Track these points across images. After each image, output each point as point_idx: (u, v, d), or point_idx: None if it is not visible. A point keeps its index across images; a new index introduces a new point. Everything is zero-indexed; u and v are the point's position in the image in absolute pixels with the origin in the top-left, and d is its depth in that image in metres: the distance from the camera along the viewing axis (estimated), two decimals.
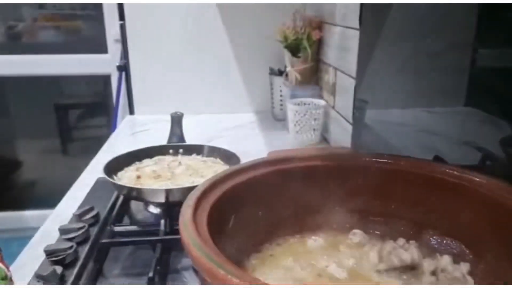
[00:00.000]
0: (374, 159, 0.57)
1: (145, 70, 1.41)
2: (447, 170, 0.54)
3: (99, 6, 2.10)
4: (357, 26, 0.95)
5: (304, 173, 0.56)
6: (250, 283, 0.32)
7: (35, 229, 0.81)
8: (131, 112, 1.46)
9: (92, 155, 1.13)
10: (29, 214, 2.34)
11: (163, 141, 1.01)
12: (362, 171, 0.56)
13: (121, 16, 1.39)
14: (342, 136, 1.06)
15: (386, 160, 0.57)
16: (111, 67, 2.07)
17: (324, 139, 1.18)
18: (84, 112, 2.62)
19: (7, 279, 0.47)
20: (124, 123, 1.43)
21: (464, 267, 0.48)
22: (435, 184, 0.53)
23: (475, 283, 0.45)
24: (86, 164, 1.07)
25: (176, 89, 1.43)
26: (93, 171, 1.01)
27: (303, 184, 0.55)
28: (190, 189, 0.71)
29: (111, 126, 2.05)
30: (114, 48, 2.10)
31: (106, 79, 2.18)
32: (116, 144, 1.23)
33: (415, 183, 0.55)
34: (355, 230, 0.55)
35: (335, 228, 0.56)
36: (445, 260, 0.49)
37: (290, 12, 1.24)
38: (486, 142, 0.84)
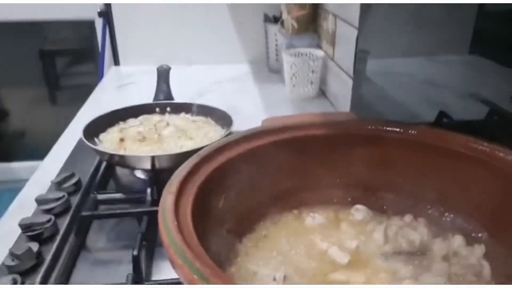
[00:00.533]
0: (380, 127, 0.51)
1: (129, 17, 1.31)
2: (460, 141, 0.48)
3: None
4: None
5: (302, 143, 0.50)
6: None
7: (25, 181, 0.76)
8: (116, 62, 1.37)
9: (81, 104, 1.08)
10: (18, 166, 2.30)
11: (149, 94, 0.93)
12: (366, 140, 0.50)
13: None
14: (341, 90, 0.99)
15: (394, 129, 0.51)
16: (95, 13, 1.94)
17: (322, 93, 1.12)
18: (71, 59, 2.51)
19: None
20: (109, 74, 1.35)
21: (479, 250, 0.43)
22: (449, 156, 0.48)
23: (491, 270, 0.41)
24: (75, 114, 1.02)
25: (164, 38, 1.33)
26: (76, 128, 0.94)
27: (301, 155, 0.50)
28: (178, 155, 0.66)
29: (98, 73, 1.96)
30: None
31: (91, 25, 2.05)
32: (101, 98, 1.15)
33: (425, 155, 0.49)
34: (358, 206, 0.50)
35: (336, 203, 0.51)
36: (458, 241, 0.44)
37: None
38: (493, 95, 0.78)
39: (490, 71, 0.81)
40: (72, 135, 0.90)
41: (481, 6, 0.81)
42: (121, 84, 1.23)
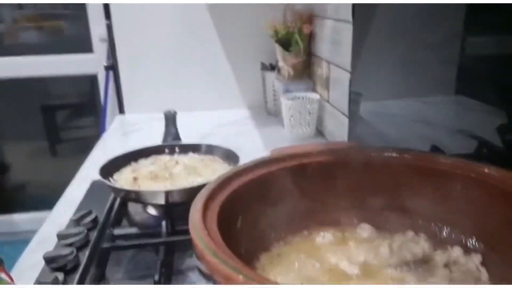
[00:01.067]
0: (378, 153, 0.56)
1: (134, 68, 1.39)
2: (452, 162, 0.53)
3: (82, 5, 2.06)
4: (350, 19, 0.94)
5: (308, 169, 0.55)
6: (268, 284, 0.32)
7: (26, 232, 0.79)
8: (121, 111, 1.44)
9: (81, 156, 1.11)
10: (19, 218, 2.30)
11: (157, 141, 0.99)
12: (367, 165, 0.55)
13: (107, 15, 1.37)
14: (338, 129, 1.05)
15: (391, 154, 0.56)
16: (97, 67, 2.04)
17: (320, 132, 1.18)
18: (71, 112, 2.59)
19: None
20: (114, 123, 1.41)
21: (476, 258, 0.47)
22: (441, 176, 0.53)
23: (488, 274, 0.45)
24: (76, 165, 1.05)
25: (167, 87, 1.41)
26: (86, 173, 0.99)
27: (308, 180, 0.55)
28: (190, 189, 0.71)
29: (99, 126, 2.02)
30: (100, 47, 2.06)
31: (92, 78, 2.15)
32: (108, 145, 1.21)
33: (420, 176, 0.54)
34: (363, 225, 0.55)
35: (342, 224, 0.55)
36: (456, 252, 0.49)
37: (280, 7, 1.23)
38: (480, 130, 0.84)
39: (475, 109, 0.88)
40: (82, 180, 0.94)
41: (462, 50, 0.89)
42: (127, 131, 1.29)
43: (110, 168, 0.81)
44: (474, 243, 0.49)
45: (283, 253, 0.51)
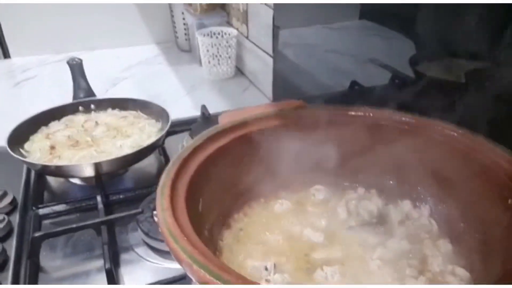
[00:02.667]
0: (326, 112, 0.55)
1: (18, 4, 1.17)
2: (387, 115, 0.55)
3: None
4: None
5: (260, 136, 0.52)
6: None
7: None
8: (6, 54, 1.23)
9: None
10: None
11: (58, 92, 0.86)
12: (315, 126, 0.54)
13: None
14: (260, 68, 1.02)
15: (338, 112, 0.56)
16: None
17: (239, 71, 1.14)
18: None
19: None
20: None
21: (425, 210, 0.51)
22: (386, 131, 0.54)
23: (438, 227, 0.49)
24: None
25: (60, 22, 1.22)
26: None
27: (260, 147, 0.52)
28: (124, 158, 0.64)
29: None
30: None
31: None
32: None
33: (366, 132, 0.54)
34: (317, 186, 0.55)
35: (297, 187, 0.55)
36: (407, 206, 0.52)
37: None
38: (391, 60, 0.87)
39: (380, 35, 0.91)
40: None
41: None
42: (18, 81, 1.11)
43: (18, 137, 0.70)
44: (421, 196, 0.52)
45: (244, 228, 0.50)
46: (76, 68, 0.86)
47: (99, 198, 0.63)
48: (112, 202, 0.66)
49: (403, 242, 0.46)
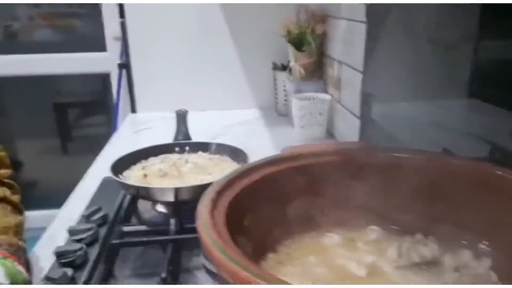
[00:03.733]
0: (389, 153, 0.56)
1: (146, 67, 1.40)
2: (464, 163, 0.53)
3: (96, 4, 2.08)
4: (364, 19, 0.94)
5: (319, 169, 0.54)
6: (275, 284, 0.31)
7: (38, 229, 0.80)
8: (133, 110, 1.45)
9: (93, 154, 1.12)
10: (31, 215, 2.31)
11: (168, 139, 0.99)
12: (377, 166, 0.55)
13: (121, 14, 1.38)
14: (349, 131, 1.04)
15: (401, 155, 0.55)
16: (110, 65, 2.05)
17: (330, 134, 1.17)
18: (83, 111, 2.61)
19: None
20: (126, 121, 1.42)
21: (486, 262, 0.47)
22: (452, 178, 0.52)
23: (499, 279, 0.44)
24: (87, 163, 1.06)
25: (178, 86, 1.42)
26: (98, 170, 1.00)
27: (318, 180, 0.54)
28: (199, 187, 0.71)
29: (111, 124, 2.04)
30: (112, 46, 2.07)
31: (104, 77, 2.16)
32: (119, 143, 1.21)
33: (431, 177, 0.53)
34: (372, 226, 0.54)
35: (351, 225, 0.55)
36: (466, 255, 0.48)
37: (294, 7, 1.23)
38: (492, 134, 0.83)
39: (487, 113, 0.87)
40: (93, 177, 0.95)
41: (476, 53, 0.88)
42: (138, 129, 1.30)
43: (121, 165, 0.81)
44: (484, 247, 0.48)
45: (291, 253, 0.51)
46: (181, 116, 0.98)
47: (172, 221, 0.69)
48: (185, 229, 0.72)
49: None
